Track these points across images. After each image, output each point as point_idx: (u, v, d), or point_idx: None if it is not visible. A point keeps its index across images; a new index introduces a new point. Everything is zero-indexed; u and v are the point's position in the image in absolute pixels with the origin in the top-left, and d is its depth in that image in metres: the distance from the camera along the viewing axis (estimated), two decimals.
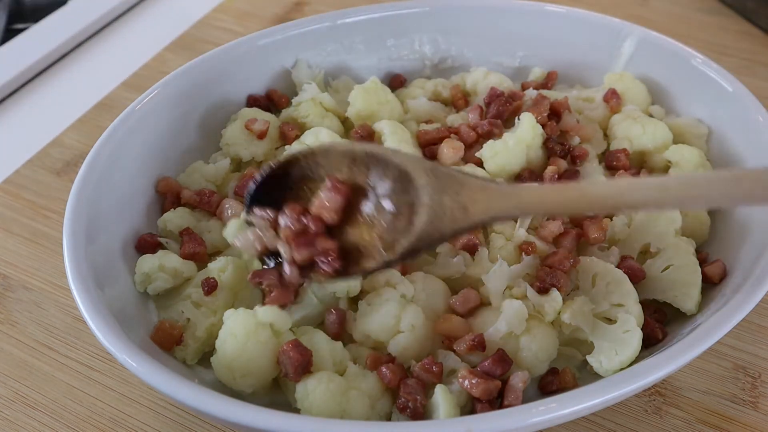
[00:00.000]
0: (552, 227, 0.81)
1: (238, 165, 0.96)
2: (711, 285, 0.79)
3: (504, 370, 0.71)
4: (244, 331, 0.71)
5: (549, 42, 1.07)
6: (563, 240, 0.81)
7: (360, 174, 0.70)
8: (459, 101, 1.03)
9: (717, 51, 1.25)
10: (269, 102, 1.03)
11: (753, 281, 0.71)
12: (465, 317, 0.77)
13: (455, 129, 0.94)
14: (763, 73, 1.21)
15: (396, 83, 1.10)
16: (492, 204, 0.66)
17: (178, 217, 0.87)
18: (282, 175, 0.74)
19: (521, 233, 0.82)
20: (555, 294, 0.75)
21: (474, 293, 0.77)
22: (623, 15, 1.07)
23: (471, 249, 0.80)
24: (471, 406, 0.71)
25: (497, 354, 0.71)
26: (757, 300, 0.69)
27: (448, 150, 0.89)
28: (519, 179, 0.89)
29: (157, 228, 0.89)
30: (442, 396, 0.68)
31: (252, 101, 1.02)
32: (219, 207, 0.88)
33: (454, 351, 0.73)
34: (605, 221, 0.82)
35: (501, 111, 0.94)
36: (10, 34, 1.37)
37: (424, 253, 0.80)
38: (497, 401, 0.70)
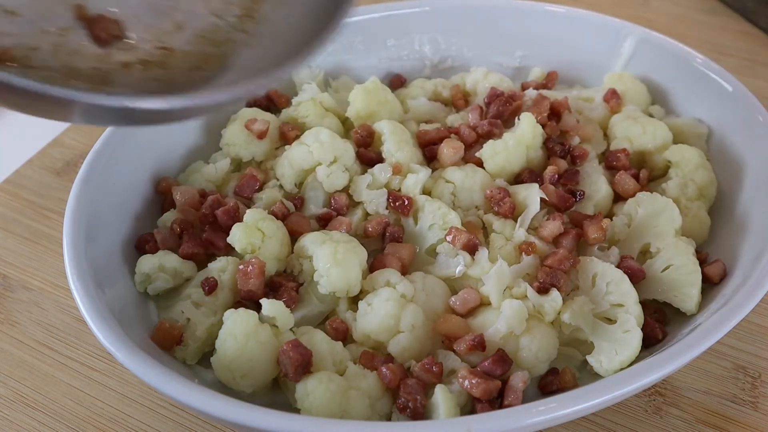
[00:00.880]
0: (552, 227, 0.81)
1: (238, 165, 0.96)
2: (711, 285, 0.79)
3: (504, 370, 0.71)
4: (244, 331, 0.71)
5: (549, 42, 1.07)
6: (563, 240, 0.81)
7: None
8: (459, 101, 1.03)
9: (717, 51, 1.25)
10: (269, 102, 1.03)
11: (753, 281, 0.71)
12: (465, 317, 0.77)
13: (455, 129, 0.94)
14: (763, 73, 1.21)
15: (396, 83, 1.10)
16: None
17: None
18: None
19: (521, 233, 0.82)
20: (555, 294, 0.75)
21: (474, 293, 0.77)
22: (623, 15, 1.07)
23: (471, 249, 0.80)
24: (471, 406, 0.71)
25: (497, 354, 0.71)
26: (757, 300, 0.69)
27: (448, 150, 0.89)
28: (519, 179, 0.89)
29: (157, 228, 0.88)
30: (442, 396, 0.68)
31: (252, 101, 1.02)
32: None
33: (454, 351, 0.73)
34: (605, 221, 0.82)
35: (501, 111, 0.94)
36: None
37: None
38: (497, 401, 0.70)
